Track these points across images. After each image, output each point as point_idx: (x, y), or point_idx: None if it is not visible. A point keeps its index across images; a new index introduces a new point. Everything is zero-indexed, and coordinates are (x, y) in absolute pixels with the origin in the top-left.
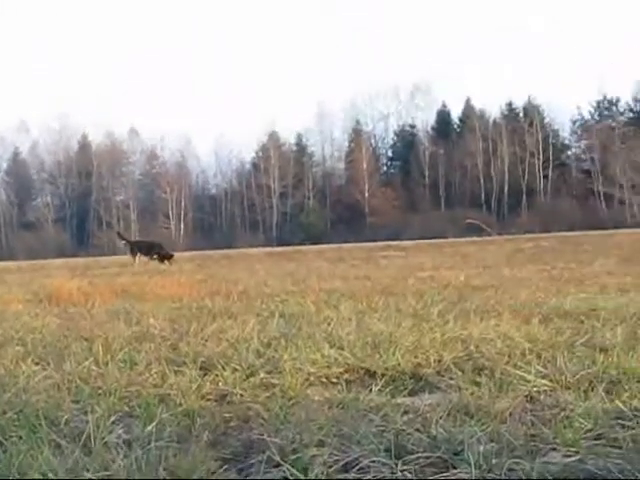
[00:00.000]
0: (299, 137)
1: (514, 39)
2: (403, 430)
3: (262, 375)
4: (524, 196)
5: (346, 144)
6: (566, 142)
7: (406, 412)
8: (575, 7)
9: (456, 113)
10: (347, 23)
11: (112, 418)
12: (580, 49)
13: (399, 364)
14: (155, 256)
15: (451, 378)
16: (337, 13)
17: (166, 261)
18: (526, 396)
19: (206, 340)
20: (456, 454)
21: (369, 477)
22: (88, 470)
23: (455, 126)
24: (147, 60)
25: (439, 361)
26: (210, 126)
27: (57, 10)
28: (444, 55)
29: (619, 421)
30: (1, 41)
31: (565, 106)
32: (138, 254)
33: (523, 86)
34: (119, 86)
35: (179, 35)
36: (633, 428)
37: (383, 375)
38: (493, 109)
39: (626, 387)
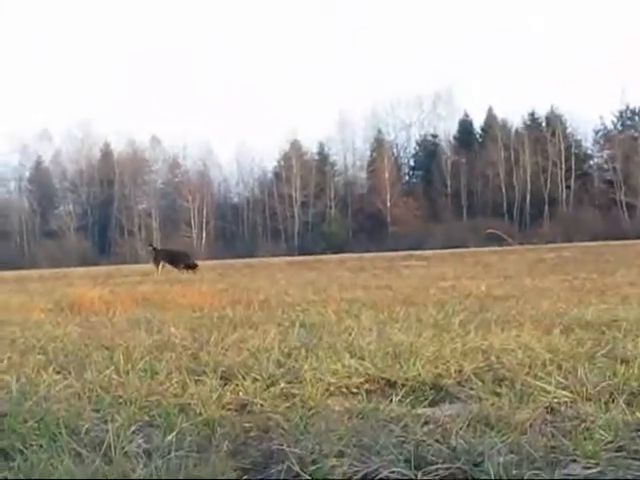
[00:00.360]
0: (321, 146)
1: (537, 48)
2: (423, 441)
3: (282, 385)
4: (546, 206)
5: (368, 153)
6: (588, 152)
7: (426, 423)
8: (599, 17)
9: (478, 122)
10: (370, 32)
11: (132, 427)
12: (603, 59)
13: (420, 374)
14: (182, 265)
15: (471, 389)
16: (361, 22)
17: (191, 270)
18: (546, 407)
19: (227, 350)
20: (476, 465)
21: None
22: (108, 479)
23: (477, 135)
24: (170, 68)
25: (460, 371)
26: (232, 134)
27: (81, 19)
28: (467, 64)
29: None
30: (24, 49)
31: (588, 116)
32: (162, 263)
33: (546, 96)
34: (141, 94)
35: (202, 43)
36: None
37: (403, 385)
38: (515, 118)
39: None
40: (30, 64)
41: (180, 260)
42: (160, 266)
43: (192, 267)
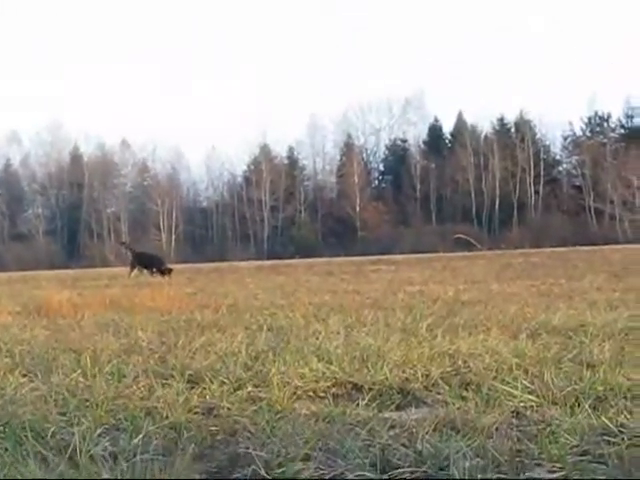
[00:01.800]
0: (291, 150)
1: (507, 53)
2: (389, 445)
3: (249, 388)
4: (515, 211)
5: (338, 158)
6: (557, 158)
7: (393, 427)
8: (567, 23)
9: (448, 127)
10: (340, 35)
11: (98, 431)
12: (572, 65)
13: (387, 378)
14: (154, 270)
15: (438, 393)
16: (330, 24)
17: (166, 275)
18: (513, 411)
19: (194, 353)
20: (442, 469)
21: None
22: None
23: (447, 141)
24: (138, 70)
25: (427, 376)
26: (202, 138)
27: (49, 18)
28: (437, 68)
29: (605, 437)
30: None
31: (556, 122)
32: (136, 266)
33: (514, 101)
34: (110, 96)
35: (171, 44)
36: (619, 444)
37: (370, 389)
38: (485, 124)
39: (612, 403)
40: None
41: (155, 264)
42: (135, 269)
43: (166, 272)
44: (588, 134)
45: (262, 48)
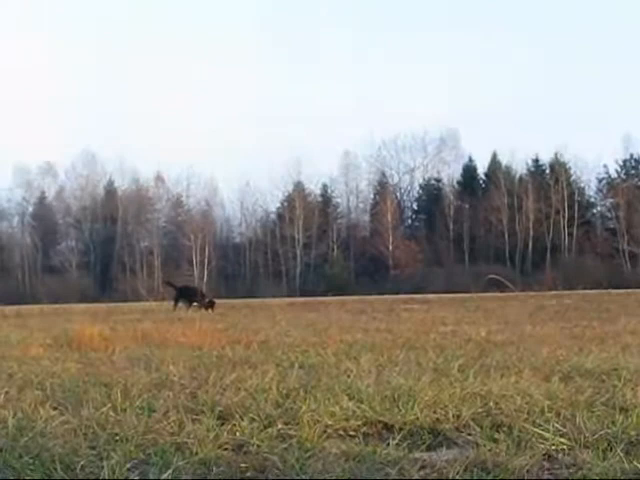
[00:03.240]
0: (324, 188)
1: (542, 93)
2: None
3: (280, 426)
4: (548, 253)
5: (371, 196)
6: (592, 200)
7: (423, 467)
8: (602, 64)
9: (482, 168)
10: (374, 72)
11: (128, 465)
12: (607, 106)
13: (417, 418)
14: (199, 302)
15: (469, 434)
16: (363, 61)
17: (209, 309)
18: (544, 454)
19: (225, 389)
20: None
21: None
22: None
23: (481, 181)
24: (173, 105)
25: (458, 416)
26: (236, 175)
27: (83, 52)
28: (472, 108)
29: None
30: (29, 81)
31: (591, 164)
32: (180, 300)
33: (550, 142)
34: (146, 131)
35: (203, 78)
36: None
37: (401, 429)
38: (519, 165)
39: None
40: (35, 96)
41: (198, 297)
42: (179, 303)
43: (210, 305)
44: (623, 176)
45: (296, 84)
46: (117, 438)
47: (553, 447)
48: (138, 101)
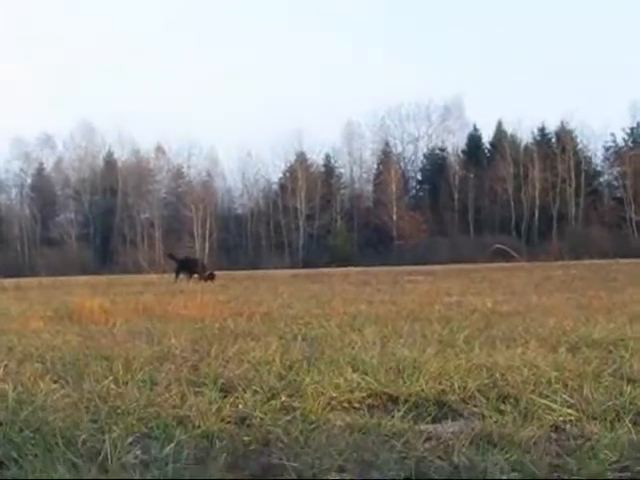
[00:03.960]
0: (327, 158)
1: (548, 60)
2: (425, 457)
3: (283, 398)
4: (554, 222)
5: (375, 166)
6: (598, 169)
7: (428, 439)
8: (610, 31)
9: (487, 137)
10: (378, 41)
11: (130, 439)
12: (615, 75)
13: (423, 390)
14: (197, 274)
15: (475, 406)
16: (368, 30)
17: (209, 280)
18: (551, 426)
19: (227, 362)
20: None
21: None
22: None
23: (486, 150)
24: (173, 75)
25: (464, 388)
26: (237, 145)
27: (83, 22)
28: (477, 76)
29: None
30: (29, 53)
31: (598, 132)
32: (181, 272)
33: (556, 110)
34: (146, 101)
35: (205, 47)
36: None
37: (406, 401)
38: (525, 134)
39: None
40: (34, 68)
41: (199, 269)
42: (180, 275)
43: (210, 277)
44: (630, 145)
45: (298, 52)
46: (119, 412)
47: (560, 418)
48: (138, 71)
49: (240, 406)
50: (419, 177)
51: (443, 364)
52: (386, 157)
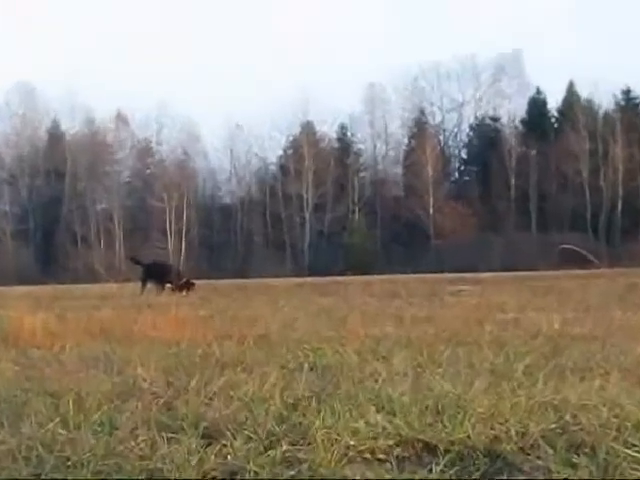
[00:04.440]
0: (342, 130)
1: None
2: None
3: (285, 447)
4: None
5: (405, 141)
6: None
7: None
8: None
9: (554, 102)
10: None
11: None
12: None
13: (469, 437)
14: (170, 284)
15: (539, 457)
16: None
17: (185, 291)
18: None
19: (211, 398)
20: None
21: None
22: None
23: (552, 120)
24: (138, 26)
25: (523, 434)
26: (223, 114)
27: None
28: (540, 24)
29: None
30: None
31: None
32: (148, 281)
33: None
34: (104, 59)
35: None
36: None
37: (447, 451)
38: (604, 98)
39: None
40: None
41: (171, 276)
42: (147, 285)
43: (186, 287)
44: None
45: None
46: (68, 464)
47: None
48: (93, 21)
49: (229, 457)
50: (464, 155)
51: (496, 402)
52: (420, 129)
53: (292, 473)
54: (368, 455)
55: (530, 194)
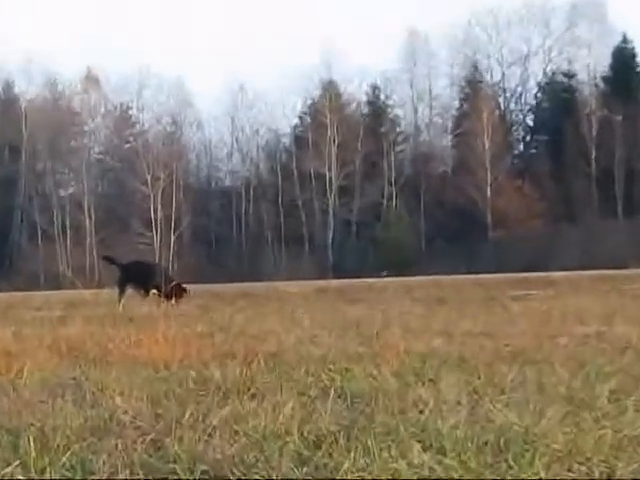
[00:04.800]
0: (374, 91)
1: None
2: None
3: None
4: None
5: (455, 104)
6: None
7: None
8: None
9: None
10: None
11: None
12: None
13: (541, 479)
14: (155, 289)
15: None
16: None
17: (175, 299)
18: None
19: (210, 435)
20: None
21: None
22: None
23: None
24: None
25: (609, 476)
26: (223, 71)
27: None
28: None
29: None
30: None
31: None
32: (127, 286)
33: None
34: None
35: None
36: None
37: None
38: None
39: None
40: None
41: (156, 280)
42: (126, 290)
43: (176, 293)
44: None
45: None
46: None
47: None
48: None
49: None
50: (530, 122)
51: (574, 436)
52: (474, 90)
53: None
54: None
55: (615, 171)
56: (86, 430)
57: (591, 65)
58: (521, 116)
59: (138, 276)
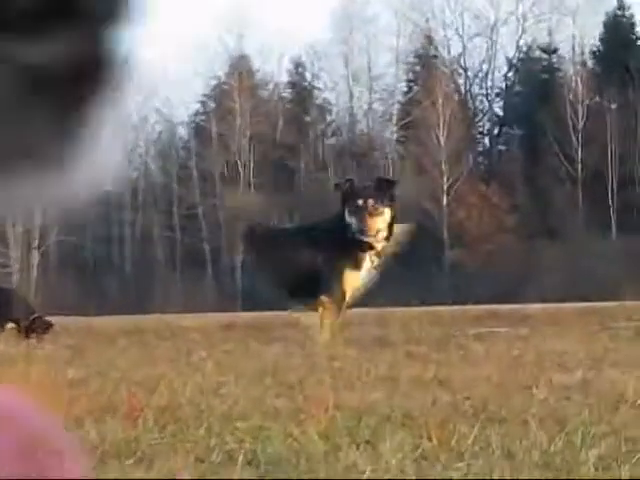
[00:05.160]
0: (298, 70)
1: None
2: None
3: None
4: None
5: (402, 86)
6: None
7: None
8: None
9: None
10: None
11: None
12: None
13: None
14: (12, 323)
15: None
16: None
17: (37, 332)
18: None
19: None
20: None
21: None
22: None
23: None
24: None
25: None
26: None
27: None
28: None
29: None
30: None
31: None
32: None
33: None
34: None
35: None
36: None
37: None
38: None
39: None
40: None
41: (15, 311)
42: None
43: (41, 327)
44: None
45: None
46: None
47: None
48: None
49: None
50: (498, 110)
51: None
52: (426, 67)
53: None
54: None
55: (607, 171)
56: None
57: (577, 37)
58: (487, 102)
59: None
